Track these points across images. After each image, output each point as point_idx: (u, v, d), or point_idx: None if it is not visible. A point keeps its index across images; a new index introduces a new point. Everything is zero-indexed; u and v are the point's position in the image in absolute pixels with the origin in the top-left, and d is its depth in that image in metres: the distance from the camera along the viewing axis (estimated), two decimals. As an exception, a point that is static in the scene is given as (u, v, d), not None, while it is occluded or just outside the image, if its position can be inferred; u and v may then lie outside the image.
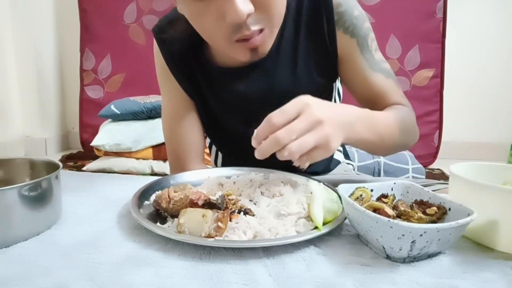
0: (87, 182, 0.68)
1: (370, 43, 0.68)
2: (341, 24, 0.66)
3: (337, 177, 0.80)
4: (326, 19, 0.66)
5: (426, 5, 2.22)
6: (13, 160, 0.56)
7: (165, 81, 0.77)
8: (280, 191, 0.53)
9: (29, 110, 2.54)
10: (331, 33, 0.66)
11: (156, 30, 0.75)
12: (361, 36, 0.66)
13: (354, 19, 0.66)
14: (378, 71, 0.68)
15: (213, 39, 0.59)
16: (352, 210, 0.42)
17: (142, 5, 2.51)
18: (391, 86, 0.69)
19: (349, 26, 0.66)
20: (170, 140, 0.79)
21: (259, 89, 0.71)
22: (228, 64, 0.71)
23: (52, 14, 2.62)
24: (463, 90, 2.40)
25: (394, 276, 0.37)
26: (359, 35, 0.66)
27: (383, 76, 0.68)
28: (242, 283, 0.35)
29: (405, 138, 0.66)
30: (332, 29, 0.66)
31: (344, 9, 0.65)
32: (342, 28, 0.66)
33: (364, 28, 0.67)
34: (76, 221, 0.50)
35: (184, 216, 0.43)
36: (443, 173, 2.11)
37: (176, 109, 0.77)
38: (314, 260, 0.40)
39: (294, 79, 0.70)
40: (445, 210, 0.42)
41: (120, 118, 2.09)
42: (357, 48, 0.67)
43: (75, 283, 0.35)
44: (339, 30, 0.66)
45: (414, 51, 2.25)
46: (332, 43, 0.67)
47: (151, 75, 1.08)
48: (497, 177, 0.47)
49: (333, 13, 0.65)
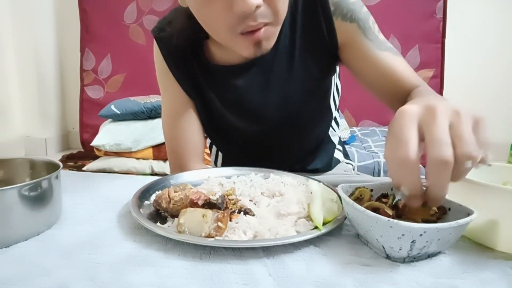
0: (87, 182, 0.68)
1: (372, 25, 0.67)
2: (339, 12, 0.66)
3: (337, 177, 0.81)
4: (322, 12, 0.66)
5: (426, 5, 2.22)
6: (13, 160, 0.56)
7: (164, 81, 0.77)
8: (280, 191, 0.53)
9: (29, 110, 2.54)
10: (329, 25, 0.66)
11: (156, 30, 0.75)
12: (361, 19, 0.66)
13: (351, 5, 0.66)
14: (385, 49, 0.66)
15: (217, 31, 0.59)
16: (352, 210, 0.42)
17: (142, 5, 2.52)
18: (401, 64, 0.66)
19: (347, 13, 0.65)
20: (170, 139, 0.79)
21: (258, 85, 0.71)
22: (226, 62, 0.71)
23: (52, 14, 2.62)
24: (463, 90, 2.40)
25: (394, 276, 0.37)
26: (359, 19, 0.66)
27: (391, 53, 0.67)
28: (242, 283, 0.35)
29: None
30: (329, 21, 0.66)
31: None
32: (340, 16, 0.66)
33: (363, 12, 0.66)
34: (76, 221, 0.50)
35: (184, 216, 0.43)
36: (443, 173, 2.10)
37: (176, 109, 0.77)
38: (314, 260, 0.40)
39: (292, 75, 0.70)
40: (445, 210, 0.42)
41: (120, 118, 2.09)
42: (359, 31, 0.66)
43: (75, 283, 0.35)
44: (337, 20, 0.66)
45: (414, 51, 2.25)
46: (330, 34, 0.67)
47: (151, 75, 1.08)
48: (497, 177, 0.47)
49: (328, 5, 0.65)
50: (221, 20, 0.55)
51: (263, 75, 0.71)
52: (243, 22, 0.54)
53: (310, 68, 0.71)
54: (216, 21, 0.56)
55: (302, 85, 0.72)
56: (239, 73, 0.71)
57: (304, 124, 0.79)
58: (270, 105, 0.74)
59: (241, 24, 0.54)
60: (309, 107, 0.76)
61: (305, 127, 0.80)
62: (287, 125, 0.77)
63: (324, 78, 0.74)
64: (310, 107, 0.76)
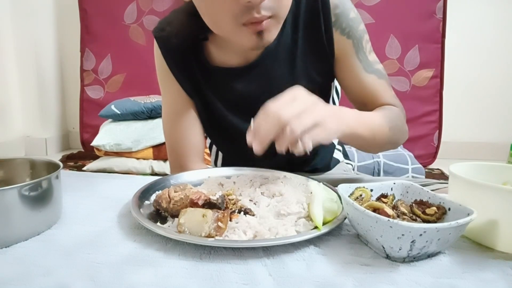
0: (88, 182, 0.68)
1: (365, 45, 0.69)
2: (338, 25, 0.67)
3: (337, 177, 0.81)
4: (324, 20, 0.67)
5: (426, 5, 2.22)
6: (14, 160, 0.56)
7: (165, 81, 0.77)
8: (280, 191, 0.53)
9: (29, 110, 2.54)
10: (329, 33, 0.68)
11: (156, 30, 0.75)
12: (357, 38, 0.68)
13: (350, 21, 0.68)
14: (371, 72, 0.70)
15: (219, 22, 0.59)
16: (352, 210, 0.42)
17: (142, 6, 2.52)
18: (383, 87, 0.71)
19: (345, 28, 0.67)
20: (170, 139, 0.79)
21: (258, 88, 0.71)
22: (226, 64, 0.71)
23: (53, 14, 2.62)
24: (463, 90, 2.40)
25: (394, 275, 0.37)
26: (355, 37, 0.68)
27: (376, 77, 0.70)
28: (242, 282, 0.36)
29: (394, 136, 0.68)
30: (329, 29, 0.67)
31: (341, 11, 0.67)
32: (339, 30, 0.68)
33: (359, 30, 0.69)
34: (76, 221, 0.50)
35: (185, 216, 0.43)
36: (442, 173, 2.11)
37: (176, 109, 0.77)
38: (314, 260, 0.40)
39: (292, 79, 0.71)
40: (444, 210, 0.43)
41: (121, 118, 2.09)
42: (352, 49, 0.68)
43: (75, 283, 0.35)
44: (336, 31, 0.68)
45: (414, 51, 2.25)
46: (329, 43, 0.68)
47: (152, 75, 1.08)
48: (497, 177, 0.47)
49: (330, 14, 0.66)
50: (225, 9, 0.55)
51: (264, 78, 0.71)
52: (247, 12, 0.54)
53: (310, 72, 0.71)
54: (220, 11, 0.56)
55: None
56: (240, 75, 0.71)
57: None
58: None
59: (246, 14, 0.54)
60: None
61: None
62: None
63: (324, 82, 0.75)
64: None
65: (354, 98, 0.73)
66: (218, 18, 0.58)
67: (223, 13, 0.56)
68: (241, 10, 0.54)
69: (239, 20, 0.55)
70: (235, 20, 0.55)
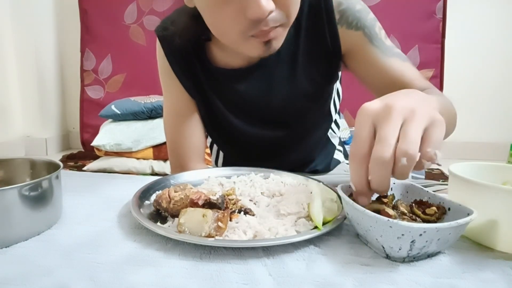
0: (88, 182, 0.68)
1: (379, 31, 0.67)
2: (344, 21, 0.66)
3: (337, 177, 0.81)
4: (327, 20, 0.66)
5: (426, 5, 2.23)
6: (14, 160, 0.56)
7: (167, 80, 0.77)
8: (280, 191, 0.53)
9: (29, 110, 2.54)
10: (333, 33, 0.66)
11: (159, 29, 0.75)
12: (367, 27, 0.65)
13: (357, 13, 0.66)
14: (392, 55, 0.66)
15: (226, 34, 0.57)
16: (352, 210, 0.42)
17: (142, 6, 2.52)
18: (409, 69, 0.66)
19: (352, 21, 0.65)
20: (171, 139, 0.79)
21: (260, 90, 0.71)
22: (229, 65, 0.71)
23: (53, 14, 2.62)
24: (463, 90, 2.40)
25: (394, 275, 0.37)
26: (365, 26, 0.65)
27: (399, 59, 0.66)
28: (242, 282, 0.36)
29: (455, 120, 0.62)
30: (333, 29, 0.66)
31: (345, 7, 0.65)
32: (345, 25, 0.66)
33: (368, 19, 0.66)
34: (76, 221, 0.50)
35: (185, 216, 0.43)
36: (442, 173, 2.11)
37: (178, 109, 0.77)
38: (314, 260, 0.40)
39: (294, 80, 0.70)
40: (444, 210, 0.43)
41: (121, 118, 2.09)
42: (365, 38, 0.65)
43: (75, 283, 0.35)
44: (342, 28, 0.66)
45: (414, 51, 2.25)
46: (334, 43, 0.67)
47: (152, 75, 1.08)
48: (497, 177, 0.47)
49: (334, 13, 0.65)
50: (232, 24, 0.54)
51: (265, 80, 0.71)
52: (255, 27, 0.53)
53: (312, 74, 0.70)
54: (227, 24, 0.54)
55: (303, 90, 0.72)
56: (242, 77, 0.71)
57: (304, 128, 0.79)
58: (271, 109, 0.74)
59: (253, 29, 0.53)
60: (310, 112, 0.76)
61: (305, 131, 0.80)
62: (288, 128, 0.77)
63: (326, 84, 0.74)
64: (311, 112, 0.76)
65: (381, 87, 0.67)
66: (225, 31, 0.57)
67: (230, 27, 0.55)
68: (249, 24, 0.52)
69: (247, 34, 0.54)
70: (242, 33, 0.54)
